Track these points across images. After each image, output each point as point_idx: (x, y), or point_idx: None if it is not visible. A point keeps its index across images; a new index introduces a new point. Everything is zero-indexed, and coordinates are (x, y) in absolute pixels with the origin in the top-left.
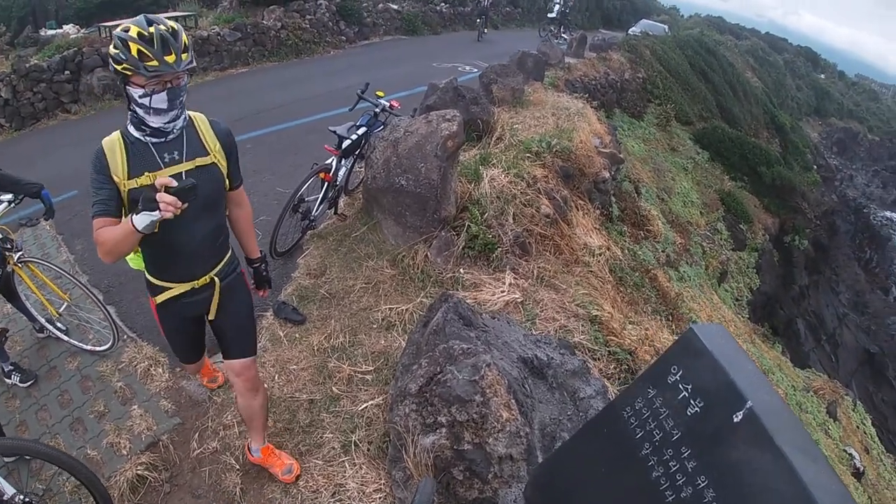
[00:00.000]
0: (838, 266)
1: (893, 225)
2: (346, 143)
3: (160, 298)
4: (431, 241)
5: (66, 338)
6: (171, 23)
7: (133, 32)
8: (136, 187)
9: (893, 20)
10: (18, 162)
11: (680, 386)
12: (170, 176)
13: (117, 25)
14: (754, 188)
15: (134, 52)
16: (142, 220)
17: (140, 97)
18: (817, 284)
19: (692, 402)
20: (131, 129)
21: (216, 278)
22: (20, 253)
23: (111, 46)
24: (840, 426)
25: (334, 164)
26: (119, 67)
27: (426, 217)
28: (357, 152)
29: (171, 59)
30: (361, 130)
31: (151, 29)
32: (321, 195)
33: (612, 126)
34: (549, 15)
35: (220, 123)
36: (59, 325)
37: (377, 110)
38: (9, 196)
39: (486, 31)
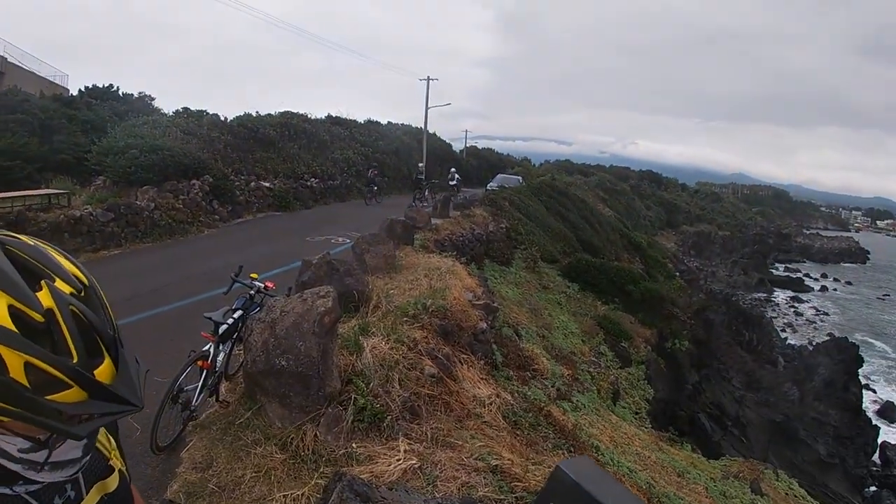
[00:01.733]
0: (722, 354)
1: (763, 303)
2: (222, 329)
3: None
4: (319, 419)
5: None
6: (67, 262)
7: None
8: None
9: (712, 131)
10: None
11: None
12: None
13: None
14: (626, 307)
15: (17, 373)
16: None
17: (21, 451)
18: (708, 378)
19: None
20: None
21: None
22: None
23: None
24: (769, 499)
25: (212, 350)
26: None
27: (311, 395)
28: (235, 336)
29: (105, 372)
30: (237, 314)
31: (46, 299)
32: (201, 383)
33: (482, 277)
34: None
35: None
36: None
37: (252, 292)
38: None
39: (373, 197)
